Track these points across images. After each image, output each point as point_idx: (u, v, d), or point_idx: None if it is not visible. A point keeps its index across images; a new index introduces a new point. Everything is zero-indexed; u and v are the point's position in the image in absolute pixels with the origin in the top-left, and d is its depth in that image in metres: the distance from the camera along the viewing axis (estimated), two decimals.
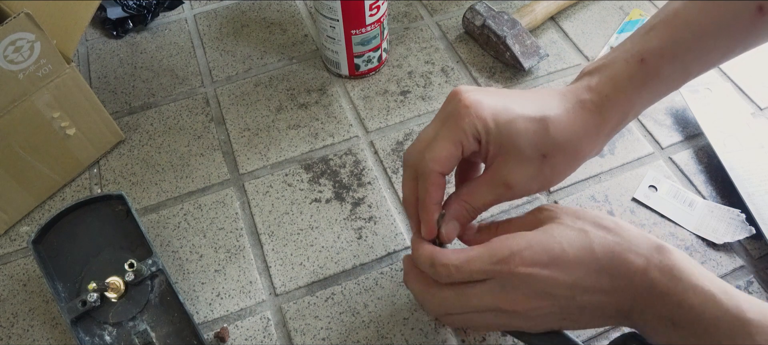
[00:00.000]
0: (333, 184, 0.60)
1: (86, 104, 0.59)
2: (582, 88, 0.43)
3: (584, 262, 0.38)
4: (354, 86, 0.68)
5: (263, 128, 0.65)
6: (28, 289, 0.54)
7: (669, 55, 0.41)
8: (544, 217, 0.42)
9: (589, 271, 0.38)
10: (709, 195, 0.57)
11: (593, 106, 0.42)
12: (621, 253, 0.38)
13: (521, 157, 0.41)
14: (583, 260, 0.38)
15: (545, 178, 0.42)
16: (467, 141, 0.42)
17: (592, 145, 0.43)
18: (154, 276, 0.51)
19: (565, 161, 0.42)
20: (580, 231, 0.39)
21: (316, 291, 0.53)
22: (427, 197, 0.43)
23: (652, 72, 0.42)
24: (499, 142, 0.41)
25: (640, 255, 0.38)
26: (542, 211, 0.43)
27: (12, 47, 0.50)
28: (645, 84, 0.42)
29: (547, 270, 0.38)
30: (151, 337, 0.49)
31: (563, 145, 0.41)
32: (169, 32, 0.76)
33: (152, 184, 0.61)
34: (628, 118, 0.43)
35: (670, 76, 0.42)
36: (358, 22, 0.62)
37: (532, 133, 0.41)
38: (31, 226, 0.58)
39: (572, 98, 0.42)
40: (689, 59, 0.42)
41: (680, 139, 0.61)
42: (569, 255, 0.38)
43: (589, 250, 0.38)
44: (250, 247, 0.56)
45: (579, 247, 0.38)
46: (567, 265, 0.38)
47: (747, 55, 0.71)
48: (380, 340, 0.49)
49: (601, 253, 0.38)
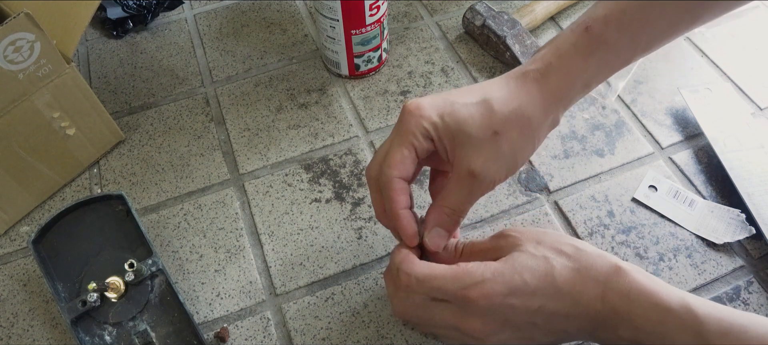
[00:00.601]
0: (333, 184, 0.60)
1: (86, 104, 0.59)
2: (528, 62, 0.44)
3: (545, 292, 0.39)
4: (354, 86, 0.68)
5: (263, 128, 0.65)
6: (28, 289, 0.54)
7: (614, 23, 0.42)
8: (507, 244, 0.43)
9: (550, 299, 0.39)
10: (709, 195, 0.57)
11: (537, 75, 0.43)
12: (580, 280, 0.39)
13: (474, 141, 0.41)
14: (544, 290, 0.39)
15: (506, 157, 0.42)
16: (417, 141, 0.43)
17: (542, 114, 0.43)
18: (154, 276, 0.51)
19: (521, 135, 0.42)
20: (541, 258, 0.40)
21: (316, 291, 0.53)
22: (392, 205, 0.44)
23: (597, 39, 0.42)
24: (450, 133, 0.42)
25: (598, 281, 0.39)
26: (505, 238, 0.43)
27: (12, 47, 0.50)
28: (591, 52, 0.42)
29: (508, 300, 0.39)
30: (151, 337, 0.49)
31: (511, 118, 0.42)
32: (169, 32, 0.76)
33: (152, 184, 0.61)
34: (577, 86, 0.43)
35: (618, 44, 0.43)
36: (358, 22, 0.62)
37: (477, 116, 0.42)
38: (31, 226, 0.58)
39: (516, 74, 0.44)
40: (636, 28, 0.43)
41: (680, 139, 0.61)
42: (530, 285, 0.39)
43: (550, 279, 0.39)
44: (250, 247, 0.56)
45: (540, 276, 0.39)
46: (528, 295, 0.39)
47: (747, 55, 0.71)
48: (380, 340, 0.49)
49: (561, 281, 0.39)
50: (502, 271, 0.40)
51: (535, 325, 0.40)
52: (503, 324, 0.40)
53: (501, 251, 0.43)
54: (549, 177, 0.59)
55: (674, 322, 0.36)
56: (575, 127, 0.62)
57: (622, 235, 0.54)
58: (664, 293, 0.38)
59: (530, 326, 0.40)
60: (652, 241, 0.54)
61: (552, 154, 0.61)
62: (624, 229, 0.55)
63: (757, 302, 0.50)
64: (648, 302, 0.37)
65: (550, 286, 0.39)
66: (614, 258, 0.41)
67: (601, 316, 0.39)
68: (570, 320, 0.40)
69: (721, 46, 0.69)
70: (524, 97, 0.42)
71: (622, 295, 0.38)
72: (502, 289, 0.39)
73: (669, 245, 0.53)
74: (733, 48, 0.68)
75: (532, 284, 0.39)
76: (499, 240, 0.44)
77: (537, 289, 0.39)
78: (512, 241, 0.43)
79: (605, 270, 0.39)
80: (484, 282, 0.39)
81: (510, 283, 0.39)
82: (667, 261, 0.52)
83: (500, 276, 0.40)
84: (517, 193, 0.58)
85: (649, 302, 0.37)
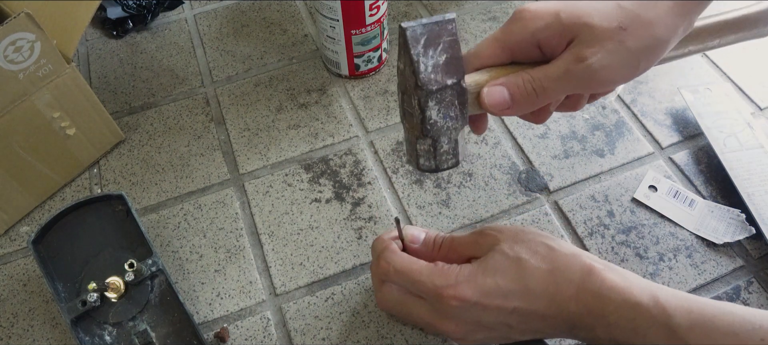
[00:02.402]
0: (333, 184, 0.60)
1: (86, 104, 0.59)
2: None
3: (519, 294, 0.40)
4: (354, 86, 0.68)
5: (263, 128, 0.65)
6: (28, 289, 0.54)
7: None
8: (485, 243, 0.43)
9: (523, 300, 0.40)
10: (709, 195, 0.57)
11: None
12: (553, 282, 0.40)
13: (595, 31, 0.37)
14: (517, 292, 0.40)
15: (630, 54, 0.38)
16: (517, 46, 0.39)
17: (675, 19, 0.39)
18: (154, 276, 0.51)
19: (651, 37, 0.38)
20: (514, 260, 0.41)
21: (316, 291, 0.53)
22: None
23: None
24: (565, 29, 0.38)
25: (572, 282, 0.40)
26: (485, 236, 0.44)
27: (12, 47, 0.50)
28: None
29: (481, 301, 0.40)
30: (151, 337, 0.49)
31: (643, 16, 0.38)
32: (169, 32, 0.76)
33: (152, 184, 0.61)
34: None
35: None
36: (358, 22, 0.62)
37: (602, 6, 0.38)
38: (31, 226, 0.58)
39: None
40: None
41: (680, 139, 0.61)
42: (502, 289, 0.40)
43: (523, 282, 0.40)
44: (250, 247, 0.56)
45: (512, 278, 0.40)
46: (501, 298, 0.40)
47: (747, 55, 0.71)
48: (380, 340, 0.49)
49: (533, 283, 0.40)
50: (475, 274, 0.41)
51: (510, 326, 0.41)
52: (476, 325, 0.41)
53: (479, 249, 0.43)
54: (549, 177, 0.59)
55: (645, 317, 0.37)
56: (575, 127, 0.63)
57: (622, 235, 0.54)
58: (636, 289, 0.38)
59: (505, 327, 0.41)
60: (652, 241, 0.54)
61: (552, 154, 0.61)
62: (624, 229, 0.55)
63: (757, 302, 0.50)
64: (619, 298, 0.38)
65: (523, 288, 0.40)
66: (588, 258, 0.41)
67: (575, 317, 0.39)
68: (546, 320, 0.40)
69: None
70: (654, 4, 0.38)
71: (594, 295, 0.39)
72: (474, 292, 0.40)
73: (669, 245, 0.53)
74: (733, 48, 0.68)
75: (504, 287, 0.40)
76: (479, 238, 0.44)
77: (509, 292, 0.40)
78: (490, 241, 0.43)
79: (578, 270, 0.40)
80: (458, 284, 0.40)
81: (482, 287, 0.40)
82: (667, 261, 0.52)
83: (473, 279, 0.40)
84: (517, 193, 0.58)
85: (621, 298, 0.38)
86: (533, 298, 0.40)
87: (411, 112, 0.41)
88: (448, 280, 0.41)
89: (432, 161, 0.43)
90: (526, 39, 0.39)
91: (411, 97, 0.40)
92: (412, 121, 0.42)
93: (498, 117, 0.64)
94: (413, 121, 0.42)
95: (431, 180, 0.59)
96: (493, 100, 0.40)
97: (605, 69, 0.38)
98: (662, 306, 0.37)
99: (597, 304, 0.39)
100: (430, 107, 0.40)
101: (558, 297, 0.40)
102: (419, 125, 0.41)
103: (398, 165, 0.61)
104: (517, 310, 0.40)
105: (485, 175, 0.59)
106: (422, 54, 0.39)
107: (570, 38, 0.39)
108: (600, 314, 0.38)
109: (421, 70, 0.39)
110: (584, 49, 0.38)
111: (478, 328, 0.41)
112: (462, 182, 0.59)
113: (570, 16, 0.38)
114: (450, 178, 0.59)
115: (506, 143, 0.62)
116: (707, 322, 0.36)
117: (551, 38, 0.39)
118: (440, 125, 0.42)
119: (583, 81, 0.39)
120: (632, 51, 0.38)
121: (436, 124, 0.41)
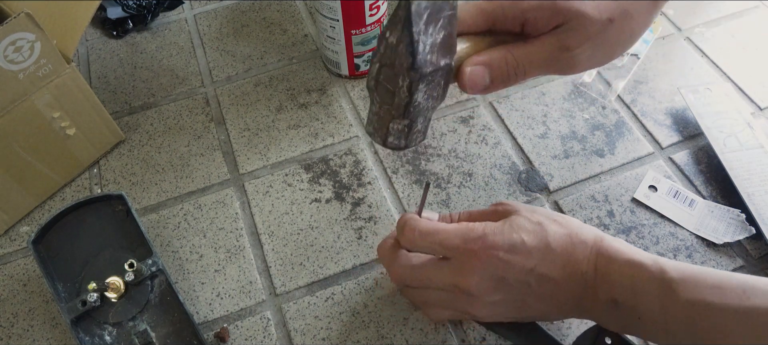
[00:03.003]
0: (333, 184, 0.60)
1: (86, 104, 0.59)
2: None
3: (540, 251, 0.41)
4: (354, 86, 0.68)
5: (263, 128, 0.65)
6: (28, 289, 0.54)
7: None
8: (503, 211, 0.45)
9: (544, 260, 0.41)
10: (709, 195, 0.57)
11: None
12: (571, 243, 0.42)
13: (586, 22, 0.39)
14: (539, 250, 0.41)
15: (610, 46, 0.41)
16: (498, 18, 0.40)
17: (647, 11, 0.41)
18: (154, 276, 0.51)
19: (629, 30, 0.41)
20: (537, 224, 0.42)
21: (316, 291, 0.53)
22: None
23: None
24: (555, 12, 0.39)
25: (586, 244, 0.42)
26: (503, 205, 0.46)
27: (12, 47, 0.50)
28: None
29: (507, 255, 0.41)
30: (151, 337, 0.49)
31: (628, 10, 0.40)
32: (169, 32, 0.76)
33: (152, 184, 0.61)
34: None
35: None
36: (358, 22, 0.62)
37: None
38: (31, 226, 0.58)
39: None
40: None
41: (680, 139, 0.61)
42: (527, 244, 0.41)
43: (545, 241, 0.42)
44: (250, 247, 0.56)
45: (536, 237, 0.42)
46: (525, 254, 0.41)
47: (747, 55, 0.71)
48: (380, 340, 0.49)
49: (554, 244, 0.42)
50: (502, 228, 0.42)
51: (529, 285, 0.42)
52: (499, 282, 0.42)
53: (498, 217, 0.44)
54: (549, 177, 0.59)
55: (644, 275, 0.39)
56: (575, 127, 0.63)
57: (622, 235, 0.54)
58: (640, 253, 0.41)
59: (524, 286, 0.42)
60: (652, 241, 0.54)
61: (552, 154, 0.61)
62: (624, 229, 0.55)
63: None
64: (624, 259, 0.40)
65: (545, 247, 0.41)
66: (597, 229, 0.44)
67: (586, 279, 0.41)
68: (560, 285, 0.42)
69: (721, 46, 0.69)
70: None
71: (603, 256, 0.41)
72: (502, 243, 0.41)
73: (669, 245, 0.53)
74: (733, 48, 0.68)
75: (528, 243, 0.41)
76: (497, 207, 0.47)
77: (533, 248, 0.41)
78: (508, 209, 0.45)
79: (591, 236, 0.43)
80: (486, 236, 0.41)
81: (509, 240, 0.41)
82: None
83: (501, 232, 0.42)
84: (517, 193, 0.58)
85: (625, 259, 0.40)
86: (552, 258, 0.41)
87: (392, 91, 0.38)
88: (477, 233, 0.42)
89: (402, 141, 0.41)
90: (514, 14, 0.40)
91: (398, 76, 0.37)
92: (391, 99, 0.38)
93: (498, 117, 0.64)
94: (394, 100, 0.38)
95: (431, 180, 0.59)
96: (474, 82, 0.40)
97: (587, 60, 0.41)
98: (660, 265, 0.39)
99: (604, 265, 0.41)
100: (419, 90, 0.37)
101: (573, 257, 0.41)
102: (402, 107, 0.38)
103: (398, 165, 0.61)
104: (536, 268, 0.41)
105: (485, 175, 0.59)
106: (423, 32, 0.35)
107: (558, 22, 0.39)
108: (605, 273, 0.40)
109: (419, 51, 0.35)
110: (571, 38, 0.39)
111: (499, 285, 0.42)
112: (462, 182, 0.59)
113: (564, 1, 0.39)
114: (450, 178, 0.59)
115: (506, 143, 0.62)
116: (697, 275, 0.38)
117: (540, 19, 0.39)
118: (422, 106, 0.39)
119: (563, 68, 0.41)
120: (612, 44, 0.41)
121: (419, 106, 0.39)
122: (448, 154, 0.61)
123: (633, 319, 0.40)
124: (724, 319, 0.36)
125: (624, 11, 0.40)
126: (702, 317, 0.37)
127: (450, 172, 0.60)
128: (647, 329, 0.40)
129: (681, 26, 0.71)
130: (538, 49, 0.40)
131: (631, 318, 0.40)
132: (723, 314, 0.37)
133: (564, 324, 0.49)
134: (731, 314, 0.36)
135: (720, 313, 0.37)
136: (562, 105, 0.64)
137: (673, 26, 0.71)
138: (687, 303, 0.38)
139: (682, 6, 0.73)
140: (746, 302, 0.36)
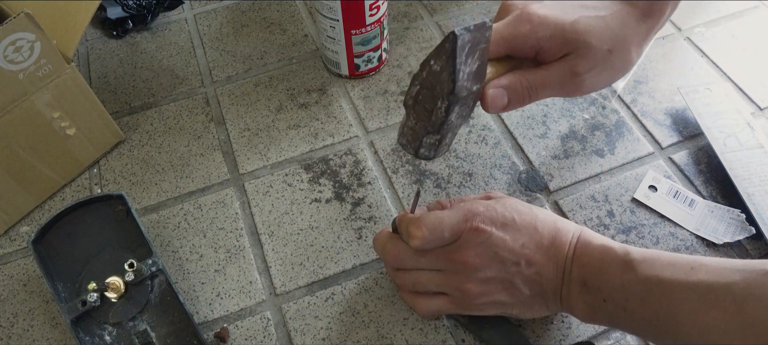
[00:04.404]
0: (333, 184, 0.60)
1: (86, 104, 0.59)
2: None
3: (529, 232, 0.45)
4: (354, 86, 0.68)
5: (263, 128, 0.65)
6: (28, 289, 0.54)
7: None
8: (495, 195, 0.50)
9: (532, 241, 0.45)
10: (709, 195, 0.57)
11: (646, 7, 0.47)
12: (556, 229, 0.45)
13: (592, 51, 0.45)
14: (528, 230, 0.45)
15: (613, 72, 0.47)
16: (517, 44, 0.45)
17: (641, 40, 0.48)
18: (154, 276, 0.51)
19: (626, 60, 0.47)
20: (527, 208, 0.46)
21: (316, 291, 0.53)
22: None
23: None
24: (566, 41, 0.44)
25: (568, 233, 0.45)
26: (493, 193, 0.51)
27: (12, 47, 0.50)
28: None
29: (500, 232, 0.44)
30: (151, 337, 0.49)
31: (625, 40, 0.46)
32: (169, 32, 0.76)
33: (152, 184, 0.61)
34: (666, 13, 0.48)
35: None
36: (358, 22, 0.62)
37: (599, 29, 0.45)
38: (31, 226, 0.58)
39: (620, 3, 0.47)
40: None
41: (680, 139, 0.61)
42: (518, 223, 0.45)
43: (533, 225, 0.45)
44: (250, 247, 0.56)
45: (526, 218, 0.45)
46: (516, 231, 0.45)
47: (747, 55, 0.71)
48: (380, 340, 0.49)
49: (541, 228, 0.45)
50: (495, 206, 0.45)
51: (519, 265, 0.44)
52: (492, 258, 0.44)
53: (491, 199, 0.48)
54: (549, 177, 0.59)
55: (610, 256, 0.43)
56: (575, 127, 0.63)
57: (622, 235, 0.54)
58: (613, 242, 0.44)
59: (514, 266, 0.44)
60: (652, 241, 0.54)
61: (552, 154, 0.61)
62: (624, 229, 0.55)
63: None
64: (596, 244, 0.44)
65: (533, 229, 0.45)
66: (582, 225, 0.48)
67: (565, 264, 0.44)
68: (543, 269, 0.44)
69: (721, 46, 0.69)
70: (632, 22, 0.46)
71: (581, 244, 0.45)
72: (497, 220, 0.45)
73: (669, 245, 0.53)
74: (733, 48, 0.68)
75: (518, 221, 0.45)
76: (489, 194, 0.51)
77: (522, 227, 0.45)
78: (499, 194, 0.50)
79: (574, 227, 0.46)
80: (483, 212, 0.45)
81: (502, 216, 0.45)
82: None
83: (494, 210, 0.45)
84: (517, 193, 0.58)
85: (597, 244, 0.44)
86: (539, 239, 0.45)
87: (430, 110, 0.43)
88: (473, 209, 0.45)
89: (432, 152, 0.47)
90: (531, 43, 0.45)
91: (438, 99, 0.42)
92: (428, 117, 0.44)
93: (498, 117, 0.64)
94: (430, 118, 0.43)
95: (431, 180, 0.59)
96: (495, 103, 0.45)
97: (593, 84, 0.47)
98: (627, 249, 0.43)
99: (580, 249, 0.44)
100: (454, 111, 0.43)
101: (556, 242, 0.45)
102: (438, 125, 0.43)
103: (398, 165, 0.61)
104: (525, 248, 0.44)
105: (485, 175, 0.59)
106: (463, 63, 0.40)
107: (568, 51, 0.45)
108: (579, 255, 0.44)
109: (459, 79, 0.41)
110: (579, 65, 0.45)
111: (493, 261, 0.44)
112: (462, 182, 0.59)
113: (573, 33, 0.44)
114: (450, 179, 0.59)
115: (506, 143, 0.62)
116: (655, 256, 0.41)
117: (552, 47, 0.45)
118: (453, 124, 0.45)
119: (571, 91, 0.48)
120: (614, 70, 0.47)
121: (451, 123, 0.44)
122: (448, 154, 0.61)
123: (599, 301, 0.42)
124: (673, 291, 0.39)
125: (621, 42, 0.46)
126: (654, 292, 0.40)
127: (450, 172, 0.60)
128: (610, 312, 0.42)
129: (681, 26, 0.71)
130: (551, 74, 0.46)
131: (598, 300, 0.42)
132: (672, 288, 0.39)
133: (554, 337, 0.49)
134: (678, 287, 0.39)
135: (669, 286, 0.39)
136: (562, 105, 0.64)
137: (673, 26, 0.71)
138: (644, 279, 0.40)
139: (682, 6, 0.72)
140: (693, 277, 0.39)
